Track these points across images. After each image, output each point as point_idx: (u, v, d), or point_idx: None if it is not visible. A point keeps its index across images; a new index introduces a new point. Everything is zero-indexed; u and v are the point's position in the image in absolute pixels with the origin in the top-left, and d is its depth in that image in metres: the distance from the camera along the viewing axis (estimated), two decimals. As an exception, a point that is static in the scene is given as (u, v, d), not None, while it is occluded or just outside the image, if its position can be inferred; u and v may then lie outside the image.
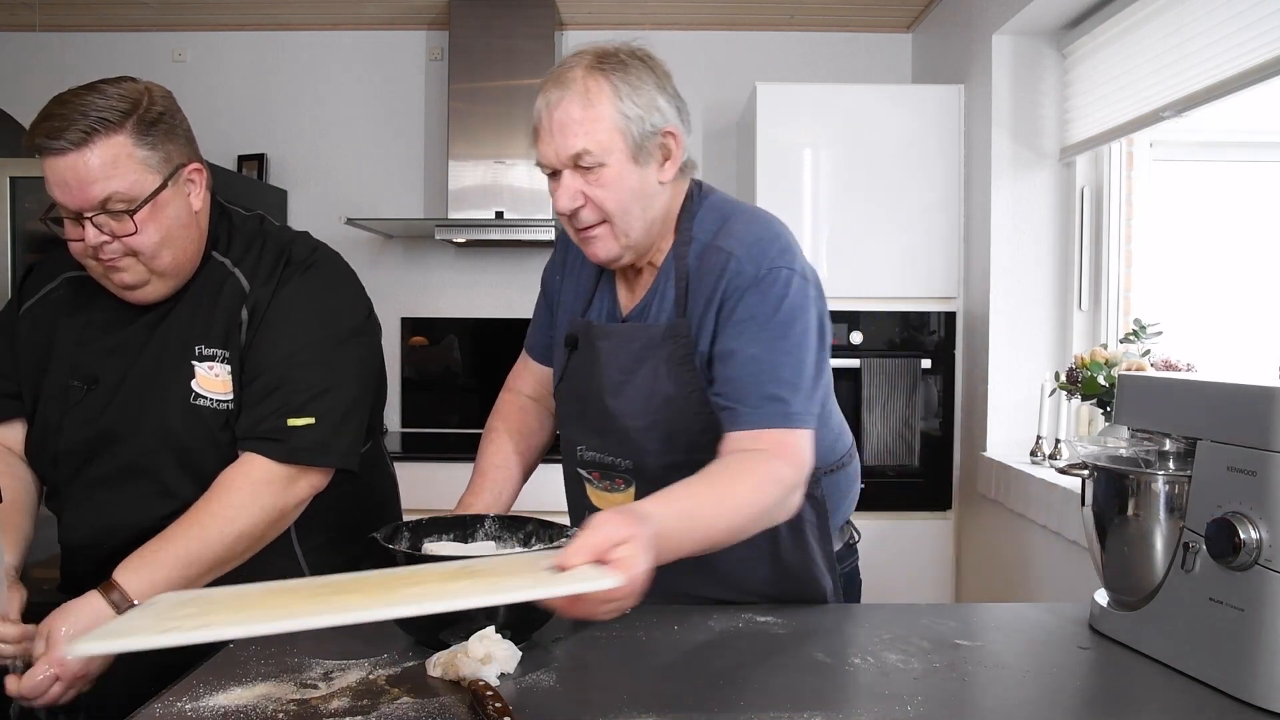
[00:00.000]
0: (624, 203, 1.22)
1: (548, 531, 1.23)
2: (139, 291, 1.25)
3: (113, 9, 3.56)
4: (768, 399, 1.18)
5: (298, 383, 1.26)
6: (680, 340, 1.25)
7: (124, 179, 1.16)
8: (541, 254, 3.72)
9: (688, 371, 1.25)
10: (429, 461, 3.16)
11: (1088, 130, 2.60)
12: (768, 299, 1.21)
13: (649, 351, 1.27)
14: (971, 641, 1.18)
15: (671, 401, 1.26)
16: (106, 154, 1.15)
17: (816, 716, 0.96)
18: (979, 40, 2.91)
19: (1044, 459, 2.53)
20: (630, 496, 1.31)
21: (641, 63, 1.23)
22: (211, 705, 0.98)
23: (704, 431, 1.24)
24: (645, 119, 1.20)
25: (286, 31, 3.75)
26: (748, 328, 1.21)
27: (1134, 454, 1.17)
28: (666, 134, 1.23)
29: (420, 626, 1.11)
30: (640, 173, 1.22)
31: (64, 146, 1.14)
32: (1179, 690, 1.03)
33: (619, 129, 1.19)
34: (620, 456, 1.31)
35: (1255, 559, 0.97)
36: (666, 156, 1.25)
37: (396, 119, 3.76)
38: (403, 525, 1.25)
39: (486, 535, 1.26)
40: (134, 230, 1.18)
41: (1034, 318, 2.81)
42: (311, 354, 1.27)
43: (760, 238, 1.25)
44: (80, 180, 1.15)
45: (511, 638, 1.07)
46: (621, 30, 3.69)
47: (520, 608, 1.05)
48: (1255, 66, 1.93)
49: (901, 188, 2.96)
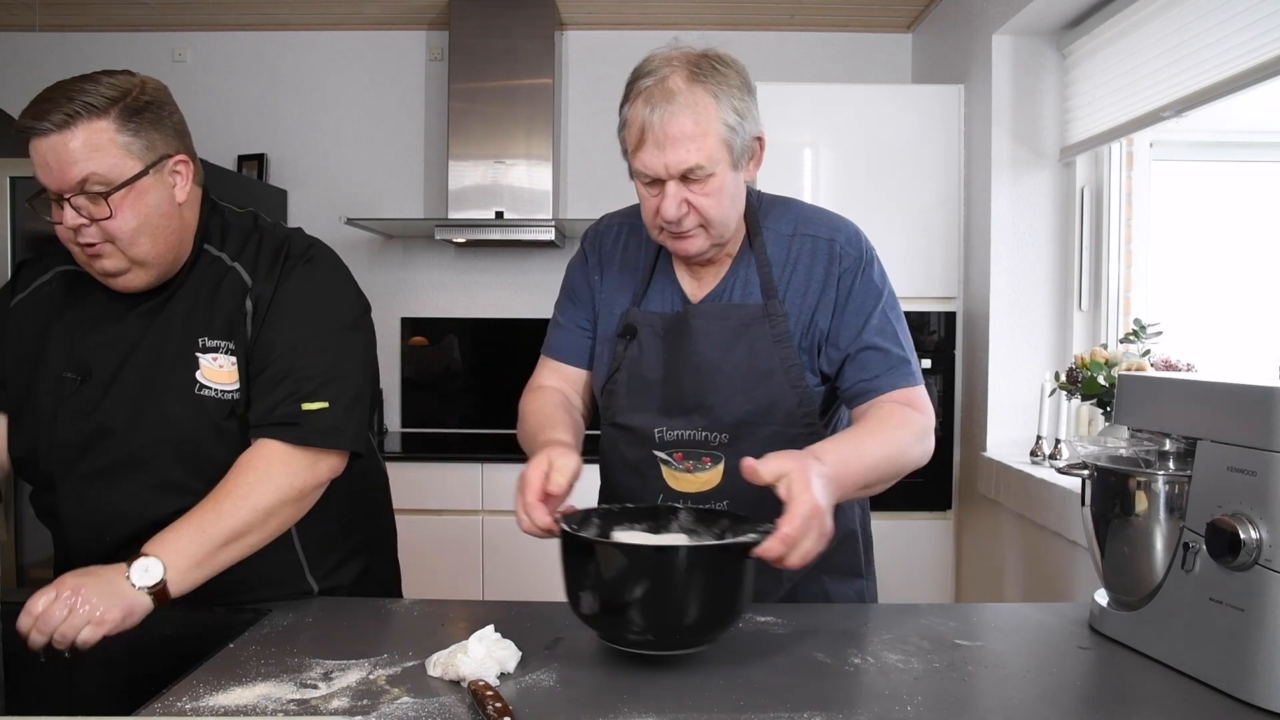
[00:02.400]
0: (724, 209, 1.28)
1: (742, 526, 1.14)
2: (121, 279, 1.25)
3: (113, 9, 3.56)
4: (895, 364, 1.33)
5: (308, 369, 1.27)
6: (776, 319, 1.34)
7: (102, 162, 1.17)
8: (541, 254, 3.72)
9: (785, 348, 1.33)
10: (429, 461, 3.17)
11: (1088, 130, 2.60)
12: (872, 280, 1.35)
13: (745, 329, 1.34)
14: (971, 641, 1.18)
15: (770, 377, 1.33)
16: (87, 137, 1.16)
17: (817, 716, 0.96)
18: (979, 40, 2.91)
19: (1044, 459, 2.53)
20: (717, 475, 1.35)
21: (729, 68, 1.27)
22: (211, 705, 0.98)
23: (800, 404, 1.34)
24: (743, 127, 1.26)
25: (286, 31, 3.76)
26: (866, 305, 1.34)
27: (1134, 454, 1.17)
28: (757, 139, 1.30)
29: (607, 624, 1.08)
30: (737, 178, 1.29)
31: (47, 128, 1.16)
32: (1179, 690, 1.03)
33: (725, 141, 1.24)
34: (713, 432, 1.36)
35: (1255, 559, 0.97)
36: (753, 158, 1.32)
37: (396, 119, 3.76)
38: (592, 512, 1.19)
39: (680, 527, 1.19)
40: (109, 214, 1.18)
41: (1034, 318, 2.81)
42: (319, 342, 1.29)
43: (846, 226, 1.39)
44: (60, 161, 1.16)
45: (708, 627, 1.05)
46: (621, 30, 3.70)
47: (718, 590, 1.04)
48: (1255, 66, 1.93)
49: (901, 188, 2.96)
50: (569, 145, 3.74)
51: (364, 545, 1.51)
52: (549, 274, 3.72)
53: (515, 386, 1.55)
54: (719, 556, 1.06)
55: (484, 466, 3.11)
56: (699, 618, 1.05)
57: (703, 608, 1.04)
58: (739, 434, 1.35)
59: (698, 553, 1.05)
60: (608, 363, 1.43)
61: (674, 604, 1.03)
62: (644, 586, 1.02)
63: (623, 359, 1.41)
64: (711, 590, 1.05)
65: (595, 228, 1.52)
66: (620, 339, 1.41)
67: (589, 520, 1.18)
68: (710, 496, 1.36)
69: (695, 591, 1.03)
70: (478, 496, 3.10)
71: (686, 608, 1.03)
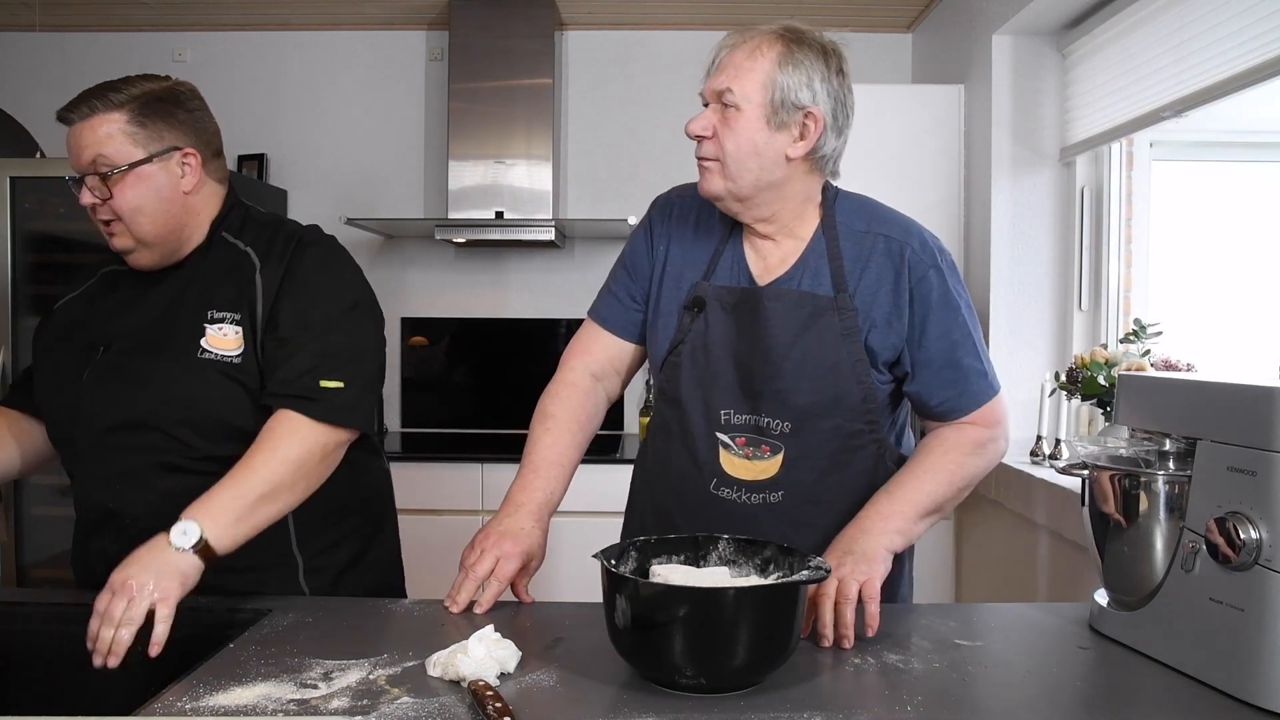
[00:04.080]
0: (741, 151, 1.29)
1: (787, 559, 1.13)
2: (132, 256, 1.38)
3: (113, 9, 3.56)
4: (974, 380, 1.35)
5: (327, 348, 1.36)
6: (846, 313, 1.33)
7: (109, 147, 1.31)
8: (542, 254, 3.72)
9: (854, 342, 1.33)
10: (429, 461, 3.17)
11: (1088, 130, 2.60)
12: (949, 288, 1.35)
13: (816, 319, 1.34)
14: (971, 641, 1.18)
15: (837, 368, 1.33)
16: (102, 126, 1.31)
17: (817, 716, 0.96)
18: (979, 40, 2.91)
19: (1044, 459, 2.53)
20: (775, 465, 1.35)
21: (824, 51, 1.32)
22: (211, 705, 0.98)
23: (864, 400, 1.35)
24: (793, 90, 1.28)
25: (286, 31, 3.75)
26: (945, 318, 1.34)
27: (1134, 454, 1.17)
28: (808, 114, 1.30)
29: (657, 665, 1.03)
30: (769, 135, 1.29)
31: (73, 118, 1.32)
32: (1179, 690, 1.03)
33: (764, 86, 1.27)
34: (776, 419, 1.35)
35: (1255, 559, 0.97)
36: (803, 135, 1.30)
37: (396, 119, 3.76)
38: (630, 545, 1.15)
39: (720, 559, 1.17)
40: (109, 194, 1.32)
41: (1034, 318, 2.81)
42: (337, 323, 1.38)
43: (920, 230, 1.39)
44: (78, 145, 1.32)
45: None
46: (621, 30, 3.70)
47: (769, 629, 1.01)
48: (1255, 66, 1.93)
49: (901, 188, 2.95)
50: (569, 145, 3.74)
51: (357, 531, 1.53)
52: (549, 274, 3.73)
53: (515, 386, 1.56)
54: (772, 595, 1.02)
55: (484, 466, 3.11)
56: (750, 658, 1.01)
57: (754, 648, 1.00)
58: (802, 424, 1.34)
59: (752, 594, 1.01)
60: (672, 335, 1.42)
61: (726, 646, 0.99)
62: (694, 628, 0.98)
63: (688, 331, 1.40)
64: (765, 629, 1.01)
65: (665, 196, 1.52)
66: (687, 311, 1.40)
67: (626, 554, 1.14)
68: (764, 487, 1.36)
69: (749, 631, 0.99)
70: (478, 496, 3.10)
71: (737, 648, 0.99)
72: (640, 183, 3.71)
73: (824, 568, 1.07)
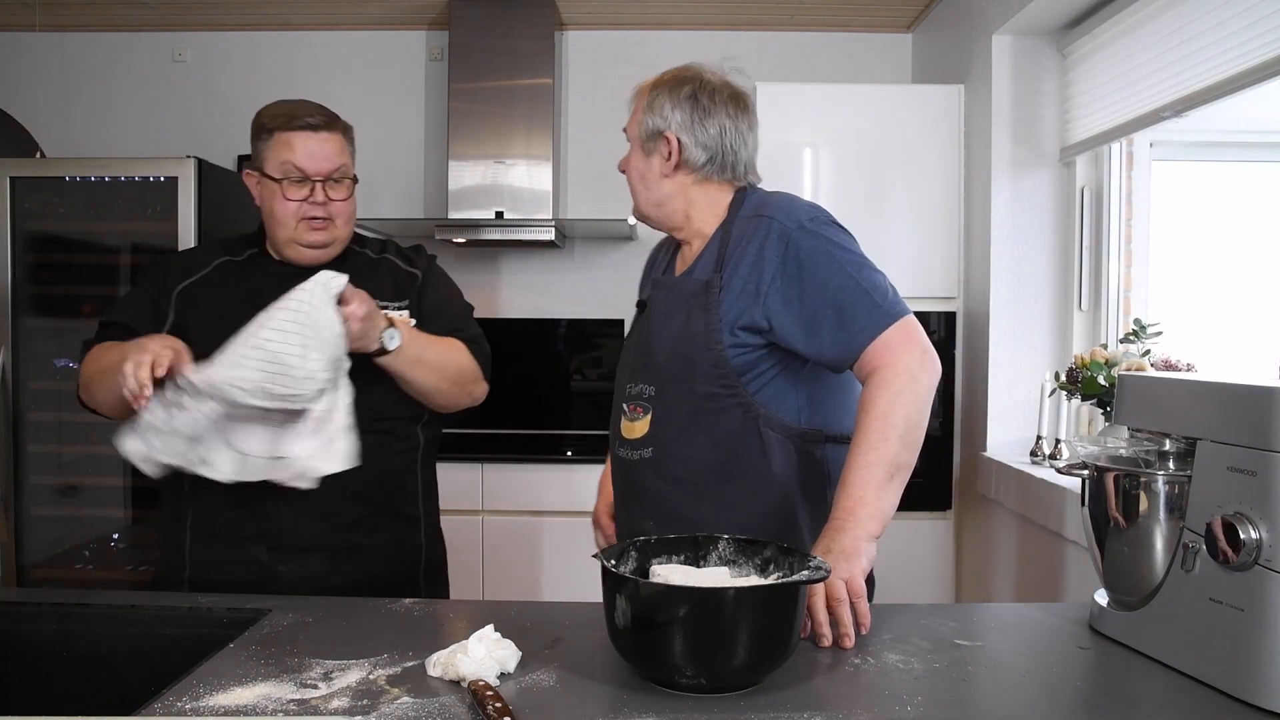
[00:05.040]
0: (632, 178, 1.59)
1: (787, 559, 1.14)
2: (322, 251, 1.61)
3: (113, 9, 3.56)
4: (855, 312, 1.38)
5: (471, 328, 1.71)
6: (711, 290, 1.48)
7: (346, 160, 1.61)
8: (542, 254, 3.72)
9: (709, 314, 1.47)
10: (429, 461, 3.16)
11: (1088, 130, 2.60)
12: (821, 238, 1.43)
13: (685, 299, 1.51)
14: (971, 641, 1.18)
15: (692, 338, 1.47)
16: (337, 140, 1.60)
17: (817, 716, 0.96)
18: (979, 40, 2.91)
19: (1044, 459, 2.53)
20: (645, 425, 1.52)
21: (677, 81, 1.54)
22: (211, 705, 0.98)
23: (714, 365, 1.45)
24: (653, 122, 1.53)
25: (286, 31, 3.76)
26: (819, 265, 1.41)
27: (1134, 454, 1.17)
28: (664, 138, 1.52)
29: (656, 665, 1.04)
30: (646, 161, 1.55)
31: (315, 124, 1.58)
32: (1179, 690, 1.03)
33: (637, 124, 1.56)
34: (647, 384, 1.53)
35: (1255, 559, 0.97)
36: (669, 155, 1.53)
37: (396, 119, 3.76)
38: (630, 545, 1.17)
39: (720, 559, 1.19)
40: (345, 197, 1.61)
41: (1034, 318, 2.81)
42: (467, 309, 1.77)
43: (796, 205, 1.50)
44: (323, 152, 1.57)
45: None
46: (621, 30, 3.70)
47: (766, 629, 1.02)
48: (1255, 66, 1.93)
49: (901, 188, 2.96)
50: (569, 145, 3.74)
51: (396, 512, 1.67)
52: (549, 274, 3.73)
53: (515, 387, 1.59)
54: (772, 595, 1.03)
55: (484, 466, 3.11)
56: (750, 658, 1.01)
57: (754, 648, 1.01)
58: (663, 388, 1.51)
59: (752, 594, 1.02)
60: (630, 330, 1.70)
61: (726, 646, 0.99)
62: (695, 628, 0.99)
63: (632, 327, 1.67)
64: (766, 629, 1.01)
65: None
66: (637, 310, 1.67)
67: (626, 554, 1.15)
68: (639, 444, 1.53)
69: (749, 631, 1.00)
70: (478, 496, 3.10)
71: (737, 648, 0.99)
72: (640, 183, 3.71)
73: (824, 568, 1.07)
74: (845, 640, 1.16)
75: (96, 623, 1.29)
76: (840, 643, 1.16)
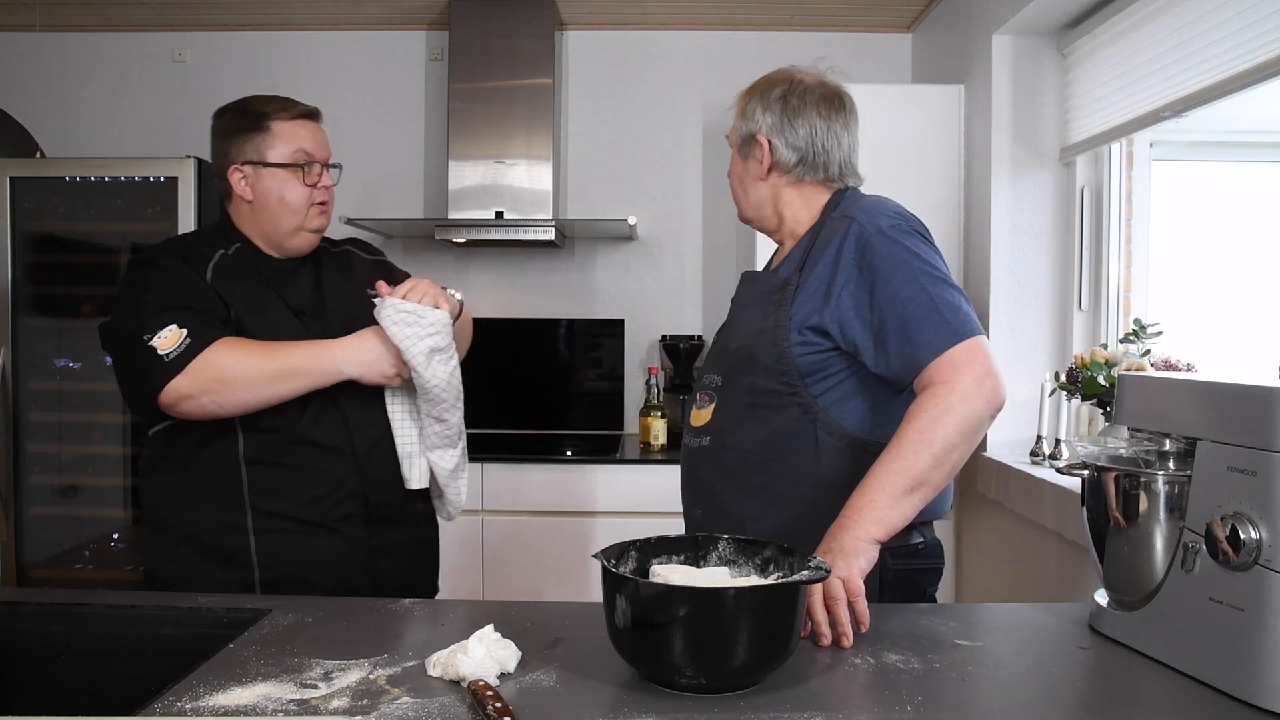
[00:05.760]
0: (732, 185, 1.65)
1: (787, 559, 1.14)
2: (314, 236, 1.68)
3: (113, 9, 3.56)
4: (929, 328, 1.36)
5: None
6: (788, 288, 1.49)
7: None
8: (542, 254, 3.72)
9: (781, 311, 1.48)
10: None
11: (1088, 130, 2.60)
12: (900, 246, 1.42)
13: (763, 295, 1.54)
14: (971, 641, 1.18)
15: (762, 332, 1.49)
16: (323, 128, 1.73)
17: (817, 716, 0.96)
18: (979, 40, 2.91)
19: (1044, 459, 2.53)
20: (709, 413, 1.54)
21: (769, 84, 1.57)
22: (211, 705, 0.98)
23: (777, 361, 1.46)
24: (746, 128, 1.58)
25: (286, 31, 3.76)
26: (894, 274, 1.40)
27: (1134, 454, 1.17)
28: (756, 141, 1.57)
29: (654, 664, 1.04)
30: (744, 165, 1.61)
31: (314, 112, 1.71)
32: (1179, 690, 1.03)
33: (735, 131, 1.61)
34: (716, 374, 1.56)
35: (1255, 559, 0.97)
36: (761, 158, 1.57)
37: (396, 119, 3.76)
38: (630, 545, 1.17)
39: (720, 559, 1.19)
40: (336, 182, 1.71)
41: (1034, 318, 2.81)
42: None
43: (881, 206, 1.50)
44: (324, 140, 1.71)
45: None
46: (621, 30, 3.70)
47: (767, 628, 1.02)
48: (1255, 66, 1.93)
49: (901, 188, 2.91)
50: (569, 145, 3.74)
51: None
52: (549, 274, 3.73)
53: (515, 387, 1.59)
54: (772, 595, 1.02)
55: (484, 466, 3.11)
56: (750, 658, 1.01)
57: (754, 647, 1.00)
58: (728, 379, 1.53)
59: (753, 594, 1.01)
60: None
61: (726, 646, 0.99)
62: (695, 628, 0.99)
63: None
64: (765, 628, 1.01)
65: None
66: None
67: (626, 554, 1.15)
68: (702, 432, 1.55)
69: (749, 631, 1.00)
70: (478, 496, 3.10)
71: (737, 648, 0.99)
72: (640, 183, 3.71)
73: (824, 567, 1.07)
74: (844, 640, 1.16)
75: (96, 623, 1.29)
76: (839, 642, 1.16)
